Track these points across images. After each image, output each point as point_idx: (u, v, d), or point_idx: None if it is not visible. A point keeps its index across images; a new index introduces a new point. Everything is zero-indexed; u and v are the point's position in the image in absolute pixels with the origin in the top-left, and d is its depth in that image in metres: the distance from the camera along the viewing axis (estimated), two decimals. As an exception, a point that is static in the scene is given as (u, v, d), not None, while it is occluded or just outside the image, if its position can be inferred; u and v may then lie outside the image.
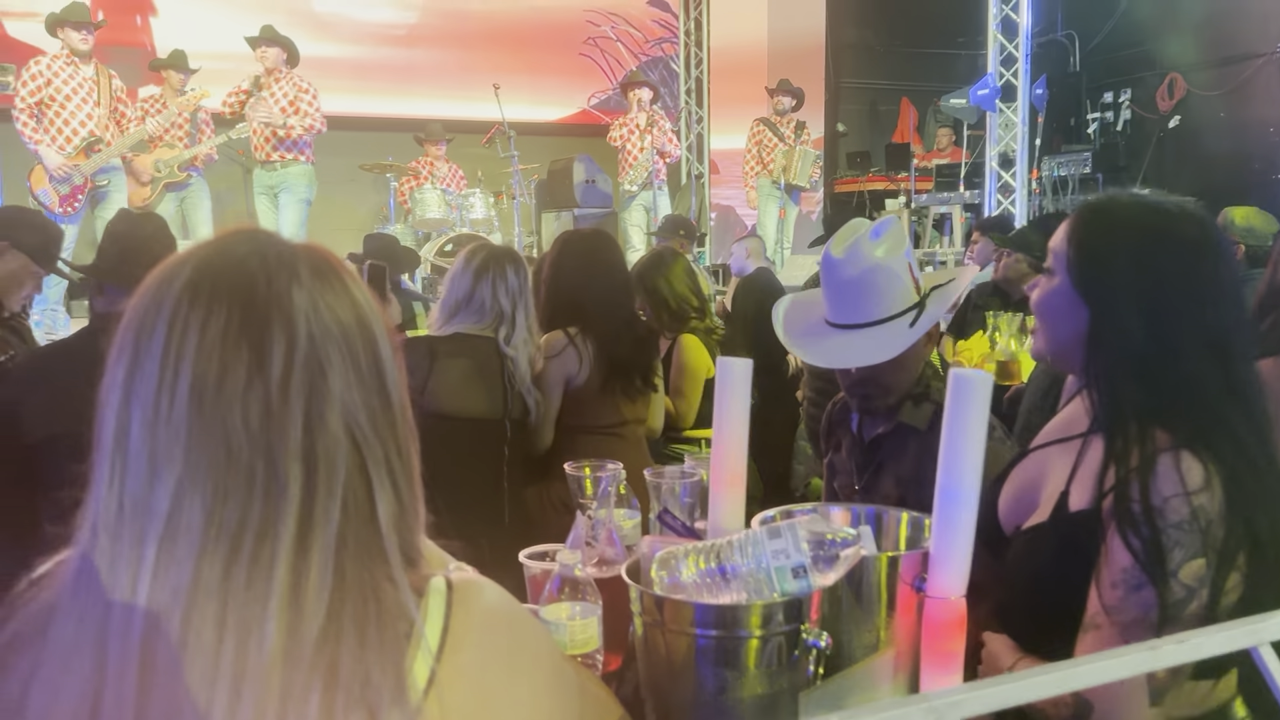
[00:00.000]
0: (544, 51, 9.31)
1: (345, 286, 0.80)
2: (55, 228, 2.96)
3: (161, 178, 6.86)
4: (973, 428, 1.05)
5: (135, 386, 0.75)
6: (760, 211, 8.39)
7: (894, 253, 1.72)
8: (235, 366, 0.74)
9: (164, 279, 0.78)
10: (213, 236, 0.82)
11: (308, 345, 0.76)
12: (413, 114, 8.55)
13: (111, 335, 2.34)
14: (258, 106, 6.50)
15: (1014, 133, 8.54)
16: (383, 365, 0.81)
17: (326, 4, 8.69)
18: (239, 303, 0.75)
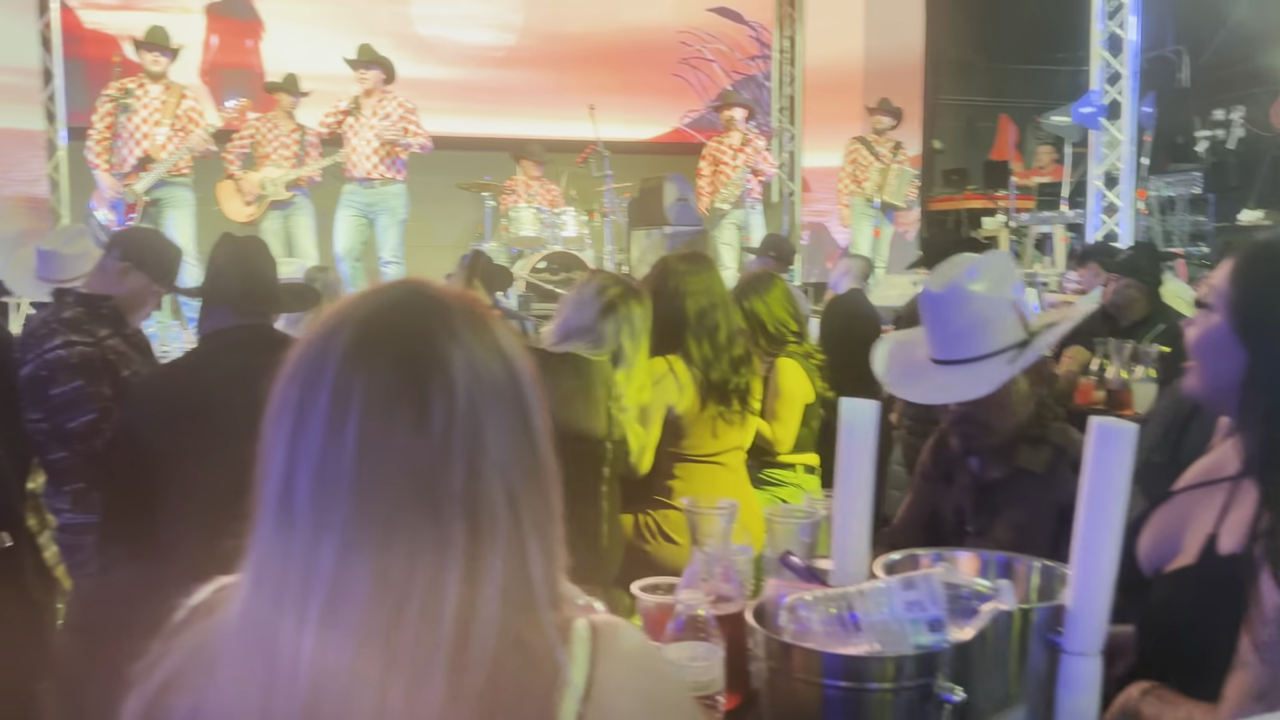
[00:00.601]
0: (638, 71, 9.38)
1: (496, 341, 0.82)
2: (175, 249, 3.07)
3: (267, 195, 7.09)
4: (1116, 479, 1.02)
5: (301, 443, 0.77)
6: (853, 230, 8.30)
7: (997, 288, 1.67)
8: (399, 424, 0.76)
9: (327, 337, 0.80)
10: (371, 290, 0.84)
11: (466, 402, 0.77)
12: (509, 134, 8.69)
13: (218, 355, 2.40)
14: (364, 127, 6.55)
15: (1119, 151, 8.28)
16: (530, 416, 0.82)
17: (429, 27, 8.90)
18: (401, 362, 0.77)
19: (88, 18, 8.05)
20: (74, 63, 7.87)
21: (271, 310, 2.48)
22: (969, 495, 1.82)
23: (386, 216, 6.70)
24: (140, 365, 2.74)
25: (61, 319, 2.62)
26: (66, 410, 2.55)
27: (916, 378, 1.75)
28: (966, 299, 1.65)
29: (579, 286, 2.57)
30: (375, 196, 6.69)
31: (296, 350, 0.82)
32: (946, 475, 1.90)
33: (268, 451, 0.79)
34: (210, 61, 8.40)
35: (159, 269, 2.87)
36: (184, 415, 2.21)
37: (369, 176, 6.62)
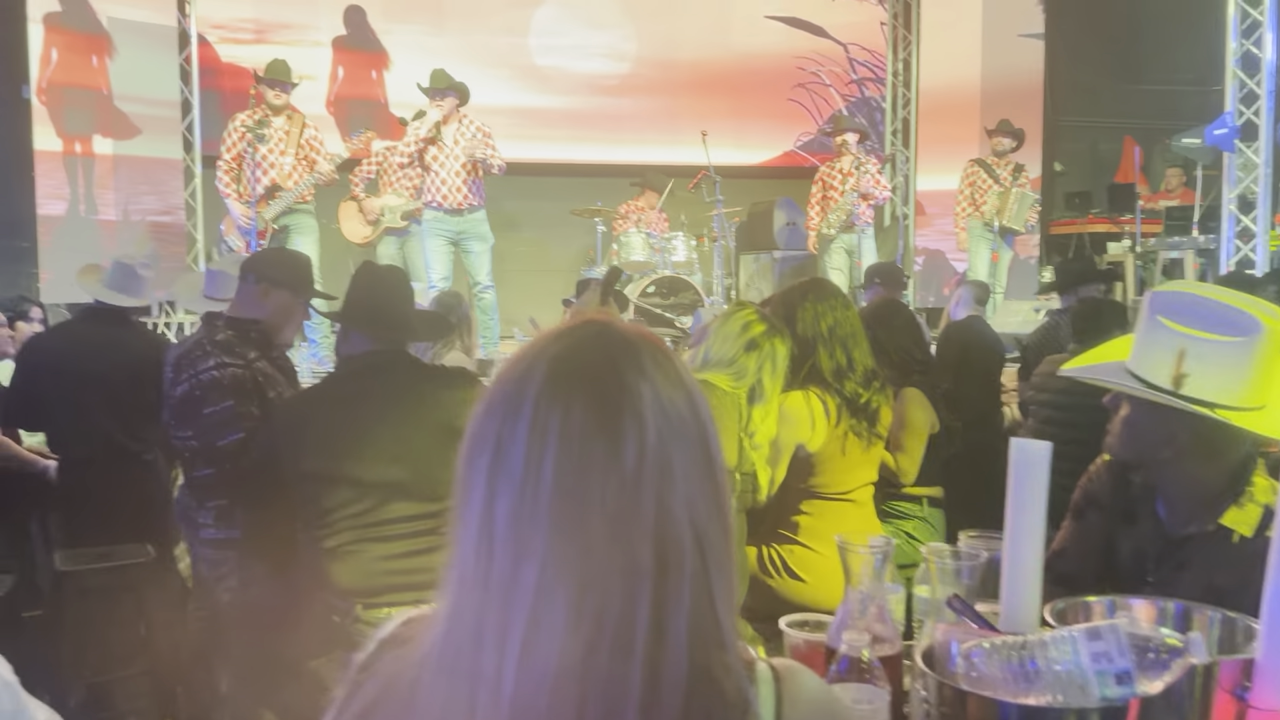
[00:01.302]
0: (750, 96, 9.39)
1: (680, 378, 0.84)
2: (304, 259, 3.18)
3: (385, 221, 7.33)
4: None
5: (500, 477, 0.79)
6: (971, 255, 8.11)
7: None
8: (594, 459, 0.78)
9: (522, 375, 0.82)
10: (563, 329, 0.86)
11: (656, 438, 0.79)
12: (621, 160, 8.81)
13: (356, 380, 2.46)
14: (448, 157, 6.53)
15: (1255, 174, 7.91)
16: (712, 452, 0.83)
17: (546, 58, 9.10)
18: (594, 399, 0.79)
19: (224, 52, 8.48)
20: (210, 94, 8.29)
21: (406, 338, 2.55)
22: (1154, 543, 1.72)
23: (477, 243, 6.70)
24: (284, 387, 2.85)
25: (215, 341, 2.74)
26: (217, 429, 2.66)
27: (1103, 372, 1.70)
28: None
29: (724, 318, 2.57)
30: (464, 224, 6.65)
31: (493, 387, 0.84)
32: (1127, 513, 1.80)
33: (466, 485, 0.82)
34: (337, 93, 8.74)
35: (294, 282, 2.97)
36: (323, 438, 2.29)
37: (459, 207, 6.57)
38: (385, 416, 2.27)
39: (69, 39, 7.49)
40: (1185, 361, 1.59)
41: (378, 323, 2.44)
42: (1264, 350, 1.58)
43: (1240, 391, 1.58)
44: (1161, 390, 1.60)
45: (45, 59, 7.39)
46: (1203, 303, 1.64)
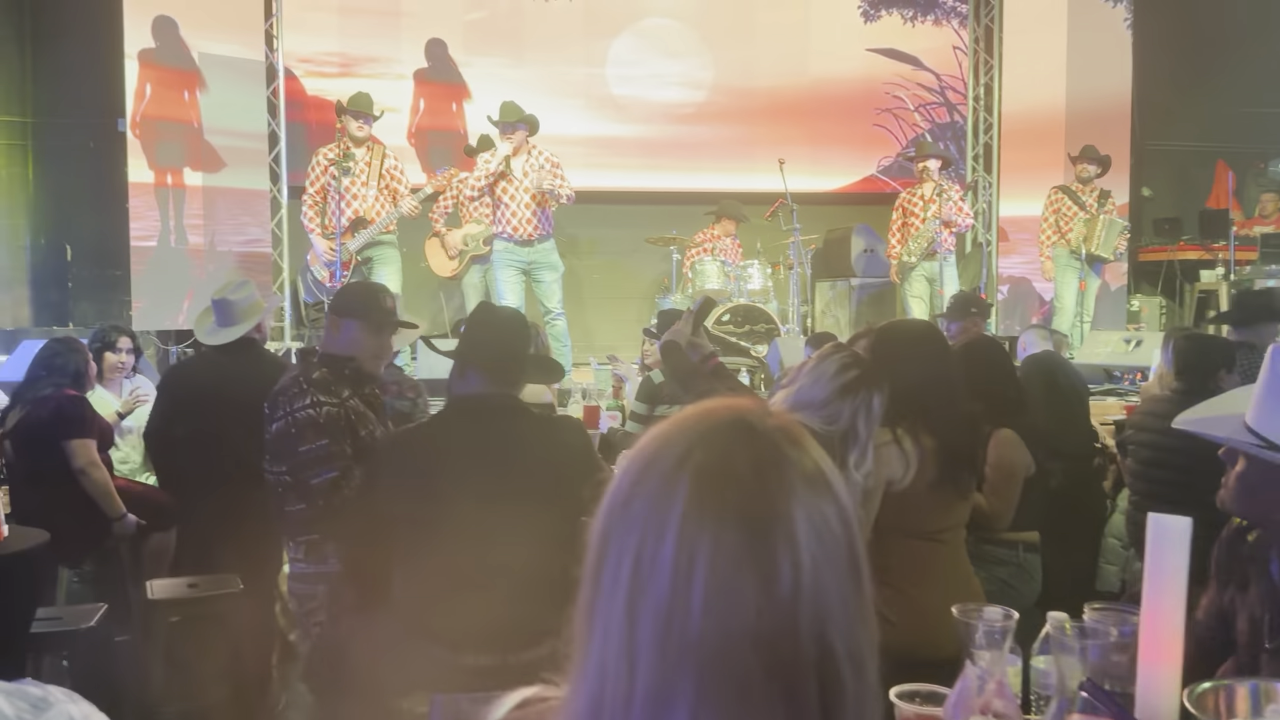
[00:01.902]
0: (826, 122, 9.33)
1: (830, 485, 0.79)
2: (385, 291, 3.19)
3: (468, 251, 7.42)
4: None
5: (644, 596, 0.74)
6: (1057, 283, 7.91)
7: None
8: (745, 588, 0.73)
9: (663, 487, 0.77)
10: (698, 425, 0.81)
11: (811, 565, 0.74)
12: (697, 188, 8.80)
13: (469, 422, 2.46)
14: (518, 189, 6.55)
15: (1359, 198, 7.59)
16: (862, 571, 0.78)
17: (623, 87, 9.14)
18: (745, 522, 0.74)
19: (310, 85, 8.69)
20: (296, 126, 8.51)
21: (521, 382, 2.56)
22: (1269, 608, 1.64)
23: (548, 271, 6.73)
24: (375, 425, 2.87)
25: (311, 379, 2.77)
26: (311, 467, 2.69)
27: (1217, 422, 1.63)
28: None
29: (819, 360, 2.51)
30: (534, 254, 6.67)
31: (629, 488, 0.79)
32: (1240, 577, 1.72)
33: (603, 594, 0.77)
34: (418, 124, 8.90)
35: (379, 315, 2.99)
36: (427, 480, 2.29)
37: (528, 238, 6.59)
38: (492, 462, 2.26)
39: (162, 74, 7.76)
40: None
41: (495, 364, 2.45)
42: None
43: None
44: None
45: (140, 93, 7.66)
46: None
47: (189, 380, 4.16)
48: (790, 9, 9.38)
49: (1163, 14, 9.23)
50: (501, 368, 2.45)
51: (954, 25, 9.70)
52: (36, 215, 8.42)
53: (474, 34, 8.88)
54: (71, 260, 8.41)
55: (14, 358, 5.91)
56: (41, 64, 8.34)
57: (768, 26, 9.32)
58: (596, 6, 9.03)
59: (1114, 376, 6.90)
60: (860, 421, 2.40)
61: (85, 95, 8.28)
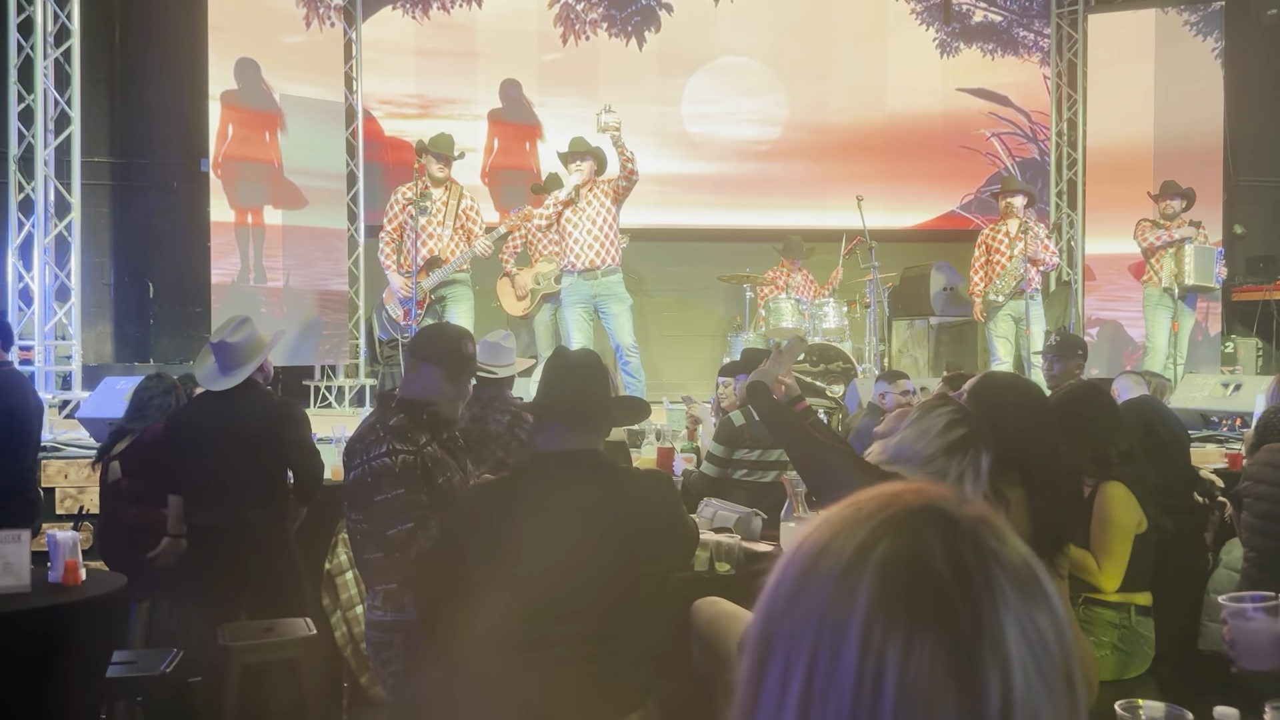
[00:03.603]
0: (904, 159, 9.18)
1: (1045, 594, 0.65)
2: (464, 334, 3.11)
3: (540, 290, 7.39)
4: None
5: (816, 712, 0.62)
6: (1149, 324, 7.58)
7: None
8: (946, 711, 0.60)
9: (841, 581, 0.65)
10: (880, 510, 0.68)
11: (1024, 687, 0.61)
12: (771, 224, 8.69)
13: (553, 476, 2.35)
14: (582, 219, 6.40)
15: None
16: (1077, 690, 0.64)
17: (697, 125, 9.12)
18: (944, 630, 0.62)
19: (388, 126, 8.81)
20: (373, 166, 8.61)
21: (605, 426, 2.45)
22: None
23: (614, 304, 6.49)
24: (454, 471, 2.79)
25: (388, 426, 2.70)
26: (387, 517, 2.62)
27: None
28: None
29: (924, 412, 2.36)
30: (598, 287, 6.45)
31: (792, 583, 0.67)
32: None
33: (762, 708, 0.65)
34: (492, 164, 8.95)
35: (458, 362, 2.91)
36: (505, 542, 2.18)
37: (591, 266, 6.40)
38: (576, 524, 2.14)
39: (244, 115, 7.91)
40: None
41: (577, 416, 2.33)
42: None
43: None
44: None
45: (222, 134, 7.81)
46: None
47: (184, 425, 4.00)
48: (868, 45, 9.29)
49: (1254, 45, 8.93)
50: (584, 419, 2.33)
51: (1035, 60, 9.49)
52: (120, 253, 8.61)
53: (549, 74, 8.94)
54: (154, 298, 8.59)
55: (96, 394, 6.00)
56: (128, 105, 8.58)
57: (844, 63, 9.24)
58: (671, 47, 9.04)
59: (1212, 422, 6.58)
60: (969, 482, 2.25)
61: (170, 136, 8.48)
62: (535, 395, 2.45)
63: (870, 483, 2.32)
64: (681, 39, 9.05)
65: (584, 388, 2.34)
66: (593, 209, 6.43)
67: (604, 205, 6.41)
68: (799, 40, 9.23)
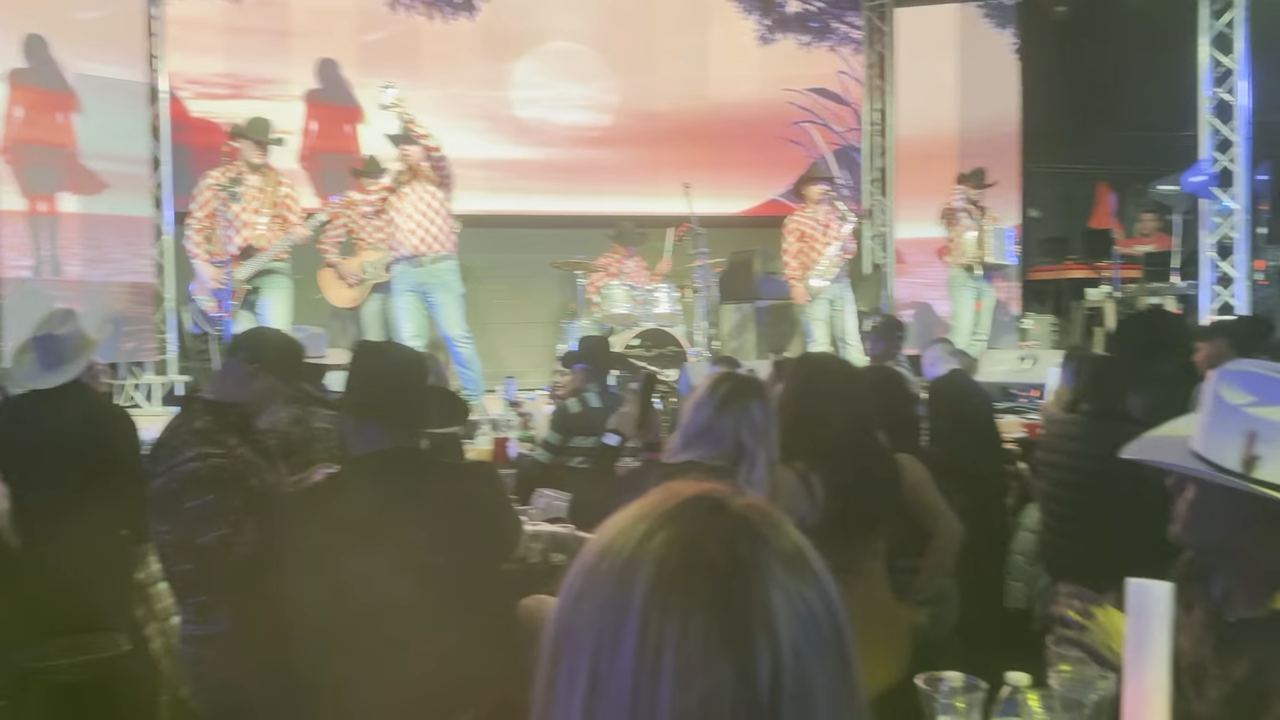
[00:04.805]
0: (730, 147, 9.38)
1: (812, 570, 0.70)
2: (298, 345, 3.02)
3: (369, 279, 7.17)
4: None
5: (600, 703, 0.64)
6: (954, 303, 8.06)
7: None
8: (720, 689, 0.63)
9: (622, 573, 0.66)
10: (660, 509, 0.70)
11: (793, 659, 0.64)
12: (603, 211, 8.73)
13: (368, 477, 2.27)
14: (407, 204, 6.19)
15: (1233, 220, 7.97)
16: (851, 660, 0.68)
17: (527, 110, 9.03)
18: (717, 608, 0.64)
19: (195, 106, 8.32)
20: (180, 150, 8.11)
21: (423, 427, 2.38)
22: (1210, 630, 1.61)
23: (443, 293, 6.29)
24: (267, 473, 2.68)
25: (193, 430, 2.57)
26: (198, 525, 2.49)
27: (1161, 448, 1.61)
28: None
29: (699, 390, 2.45)
30: (425, 274, 6.25)
31: (581, 579, 0.69)
32: (1183, 598, 1.69)
33: (557, 704, 0.66)
34: (309, 147, 8.60)
35: (286, 369, 2.82)
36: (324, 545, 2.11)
37: (416, 252, 6.20)
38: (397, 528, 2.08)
39: (34, 96, 7.32)
40: (1257, 443, 1.50)
41: (391, 414, 2.24)
42: None
43: None
44: (1232, 474, 1.51)
45: (9, 117, 7.21)
46: (1272, 381, 1.55)
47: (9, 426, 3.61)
48: (689, 33, 9.43)
49: (1047, 39, 9.57)
50: (399, 416, 2.24)
51: (849, 51, 9.88)
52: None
53: (369, 55, 8.65)
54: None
55: None
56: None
57: (668, 51, 9.36)
58: (496, 29, 8.91)
59: (1011, 394, 7.04)
60: (745, 433, 2.34)
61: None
62: (345, 394, 2.35)
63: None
64: (508, 21, 8.94)
65: (399, 383, 2.28)
66: (418, 194, 6.25)
67: (430, 190, 6.23)
68: (625, 27, 9.27)
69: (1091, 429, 3.64)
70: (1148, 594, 1.03)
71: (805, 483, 2.54)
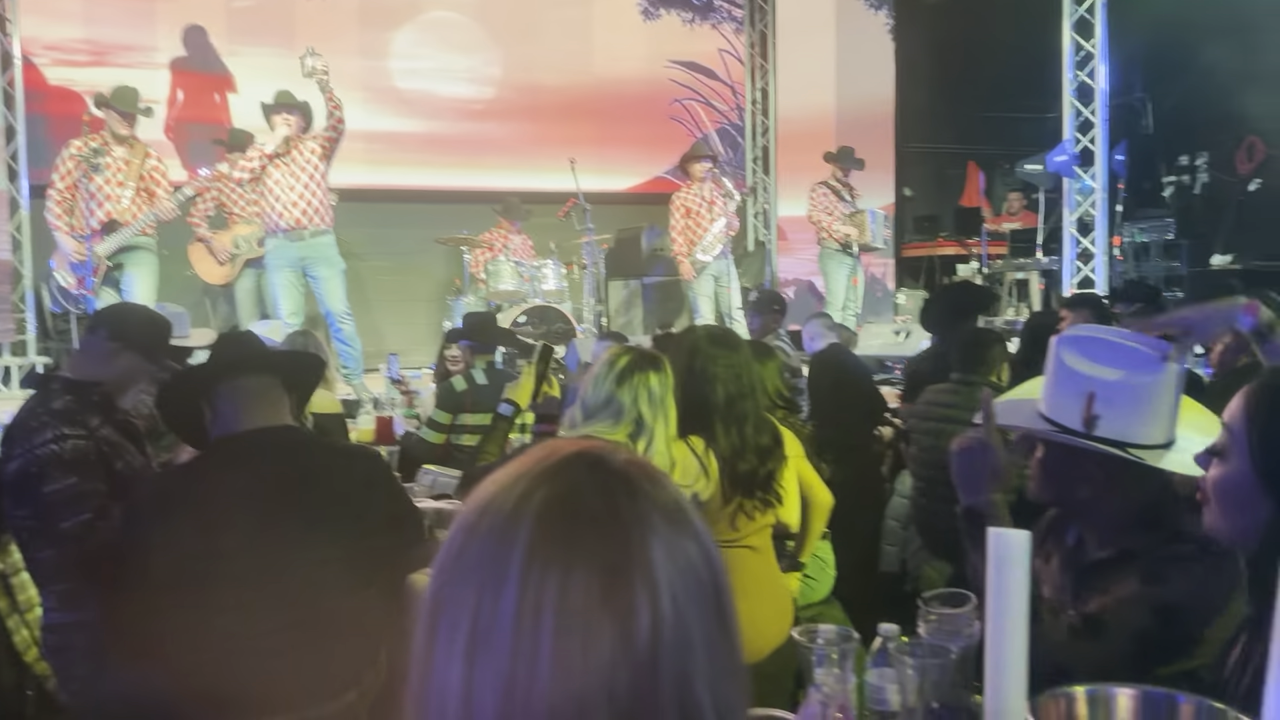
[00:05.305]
0: (615, 122, 9.36)
1: (690, 522, 0.71)
2: (164, 323, 2.89)
3: (241, 254, 6.93)
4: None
5: (482, 661, 0.64)
6: (829, 280, 8.26)
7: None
8: (600, 640, 0.64)
9: (503, 530, 0.67)
10: (540, 465, 0.71)
11: (672, 610, 0.66)
12: (487, 186, 8.62)
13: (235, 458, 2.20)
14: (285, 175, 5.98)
15: (1093, 198, 8.38)
16: (728, 608, 0.70)
17: (407, 81, 8.83)
18: (597, 559, 0.65)
19: (52, 74, 7.86)
20: (36, 119, 7.66)
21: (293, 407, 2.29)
22: (1068, 574, 1.71)
23: (325, 268, 6.09)
24: (133, 455, 2.57)
25: (51, 410, 2.43)
26: (59, 510, 2.36)
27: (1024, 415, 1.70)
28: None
29: (597, 363, 2.46)
30: (305, 249, 6.03)
31: (461, 538, 0.69)
32: (1044, 551, 1.79)
33: (437, 663, 0.67)
34: (176, 117, 8.23)
35: (150, 347, 2.70)
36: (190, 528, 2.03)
37: (296, 225, 5.97)
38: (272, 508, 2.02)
39: None
40: (1095, 403, 1.60)
41: (258, 393, 2.16)
42: (1167, 388, 1.61)
43: (1149, 430, 1.60)
44: (1075, 434, 1.60)
45: None
46: (1108, 344, 1.65)
47: None
48: (571, 6, 9.36)
49: (920, 22, 9.86)
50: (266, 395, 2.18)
51: (730, 30, 9.97)
52: None
53: (239, 21, 8.31)
54: None
55: None
56: None
57: (552, 23, 9.27)
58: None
59: (886, 366, 7.28)
60: (644, 405, 2.36)
61: None
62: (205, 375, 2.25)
63: None
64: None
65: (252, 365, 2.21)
66: (298, 165, 6.04)
67: (311, 162, 6.02)
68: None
69: (959, 396, 3.81)
70: (1007, 542, 1.09)
71: (700, 458, 2.57)
